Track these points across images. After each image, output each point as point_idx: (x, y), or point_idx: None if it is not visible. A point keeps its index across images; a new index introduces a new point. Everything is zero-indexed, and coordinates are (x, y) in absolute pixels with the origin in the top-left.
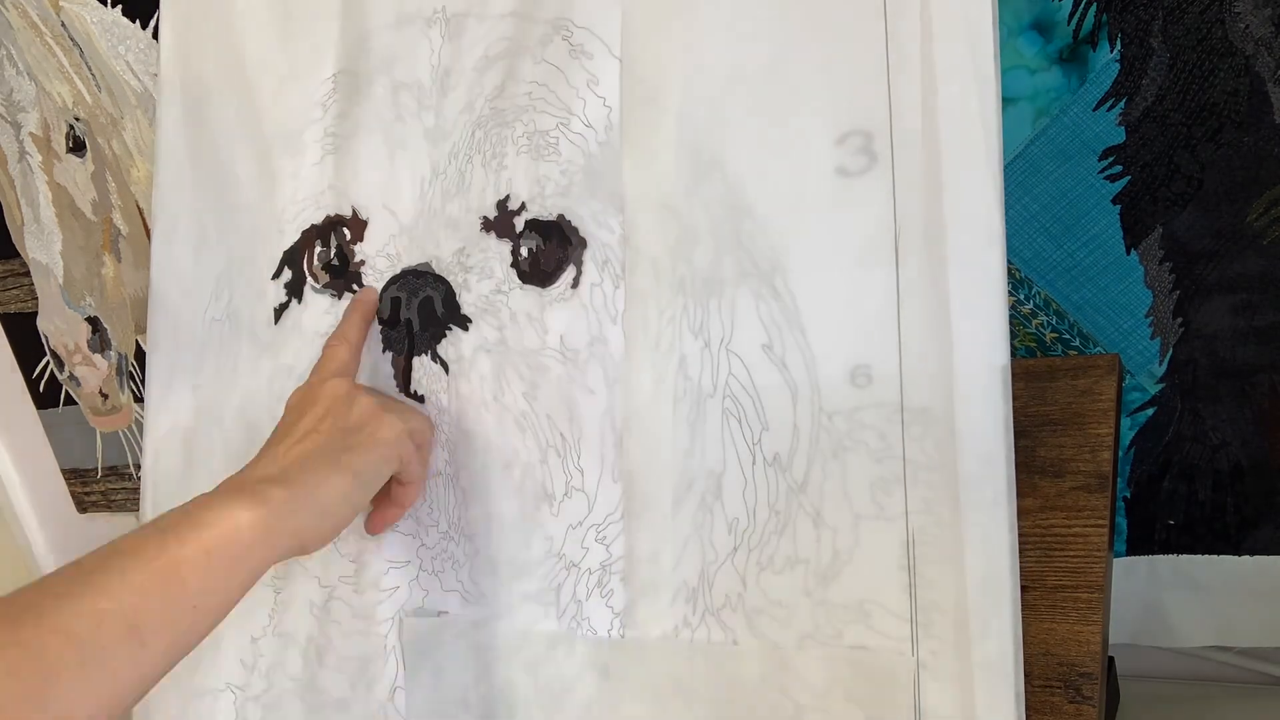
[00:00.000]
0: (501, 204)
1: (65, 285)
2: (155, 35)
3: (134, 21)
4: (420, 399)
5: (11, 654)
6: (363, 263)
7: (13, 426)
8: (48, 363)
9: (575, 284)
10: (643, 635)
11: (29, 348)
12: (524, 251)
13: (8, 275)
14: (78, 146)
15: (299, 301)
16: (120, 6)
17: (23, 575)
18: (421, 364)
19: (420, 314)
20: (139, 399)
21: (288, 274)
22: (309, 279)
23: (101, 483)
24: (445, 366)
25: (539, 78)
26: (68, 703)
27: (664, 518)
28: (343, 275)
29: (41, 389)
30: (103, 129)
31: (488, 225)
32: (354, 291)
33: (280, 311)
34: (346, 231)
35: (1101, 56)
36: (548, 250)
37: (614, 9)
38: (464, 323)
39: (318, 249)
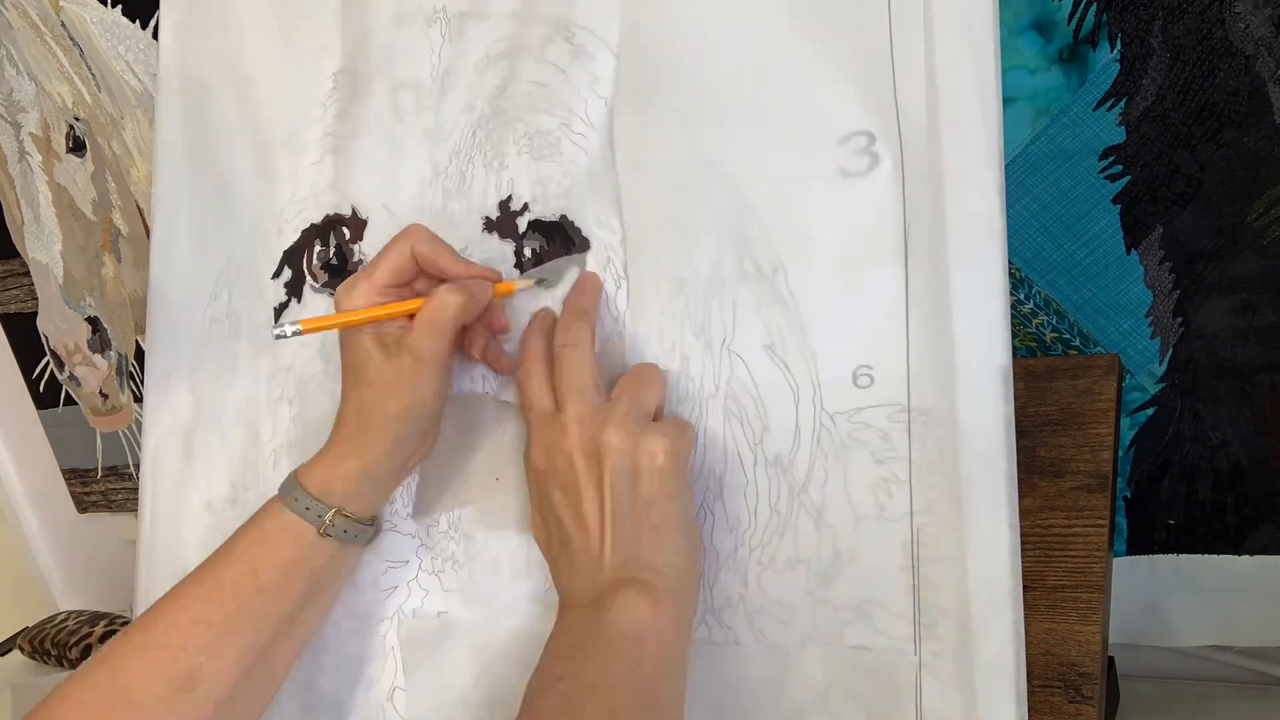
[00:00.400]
0: (504, 204)
1: (65, 285)
2: (155, 35)
3: (134, 21)
4: None
5: None
6: (360, 262)
7: (13, 426)
8: (48, 363)
9: None
10: None
11: (29, 348)
12: (527, 252)
13: (8, 275)
14: (78, 146)
15: (298, 301)
16: (120, 6)
17: (23, 575)
18: None
19: None
20: (139, 399)
21: (287, 273)
22: (308, 278)
23: (101, 483)
24: None
25: (540, 78)
26: None
27: None
28: (341, 275)
29: (41, 389)
30: (103, 129)
31: (490, 226)
32: None
33: (280, 311)
34: (346, 231)
35: (1101, 56)
36: (551, 251)
37: (615, 9)
38: None
39: (317, 248)
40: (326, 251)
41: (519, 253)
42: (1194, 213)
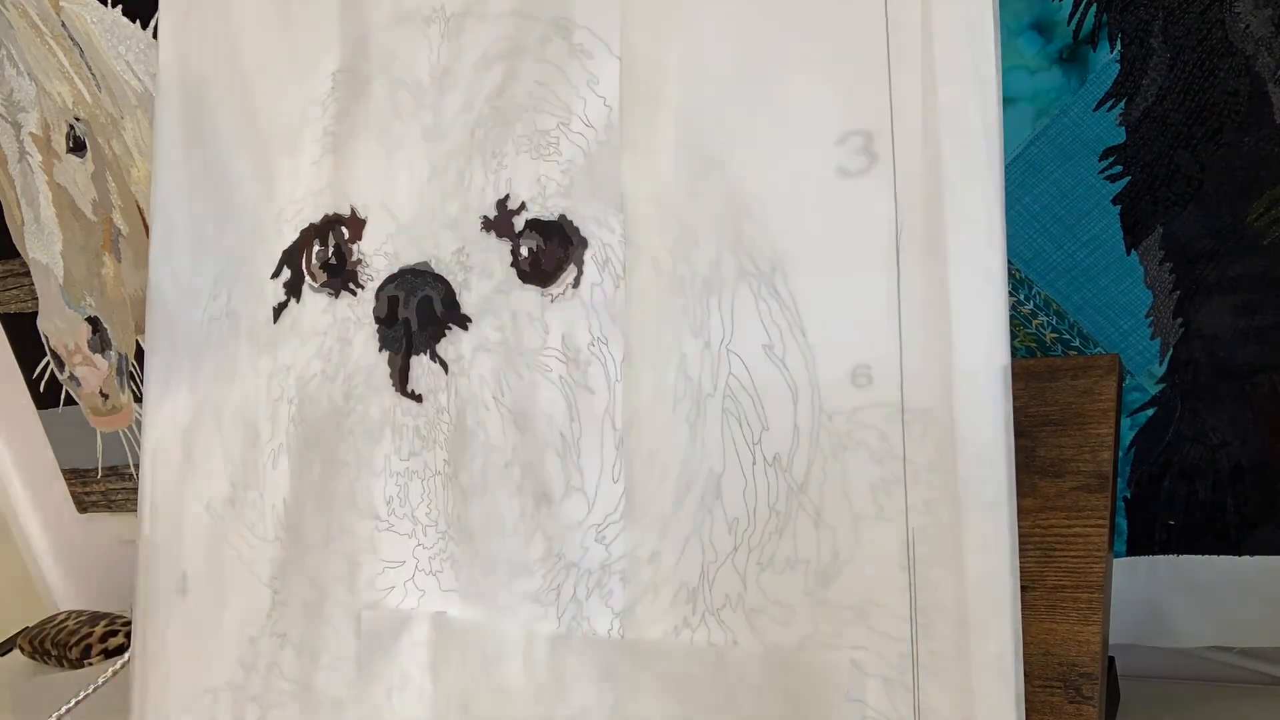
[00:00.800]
0: (501, 203)
1: (65, 285)
2: (155, 35)
3: (134, 21)
4: (418, 398)
5: None
6: (359, 261)
7: (13, 426)
8: (48, 363)
9: (576, 284)
10: (642, 635)
11: (29, 348)
12: (524, 251)
13: (8, 275)
14: (78, 146)
15: (298, 301)
16: (120, 6)
17: (23, 575)
18: (420, 363)
19: (419, 313)
20: (139, 399)
21: (286, 273)
22: (307, 278)
23: (101, 483)
24: (445, 366)
25: (539, 77)
26: None
27: (664, 518)
28: (339, 274)
29: (41, 389)
30: (103, 129)
31: (487, 225)
32: (350, 290)
33: (279, 311)
34: (344, 230)
35: (1101, 56)
36: (548, 250)
37: (614, 8)
38: (464, 322)
39: (316, 248)
40: (325, 251)
41: (515, 251)
42: (1194, 213)
